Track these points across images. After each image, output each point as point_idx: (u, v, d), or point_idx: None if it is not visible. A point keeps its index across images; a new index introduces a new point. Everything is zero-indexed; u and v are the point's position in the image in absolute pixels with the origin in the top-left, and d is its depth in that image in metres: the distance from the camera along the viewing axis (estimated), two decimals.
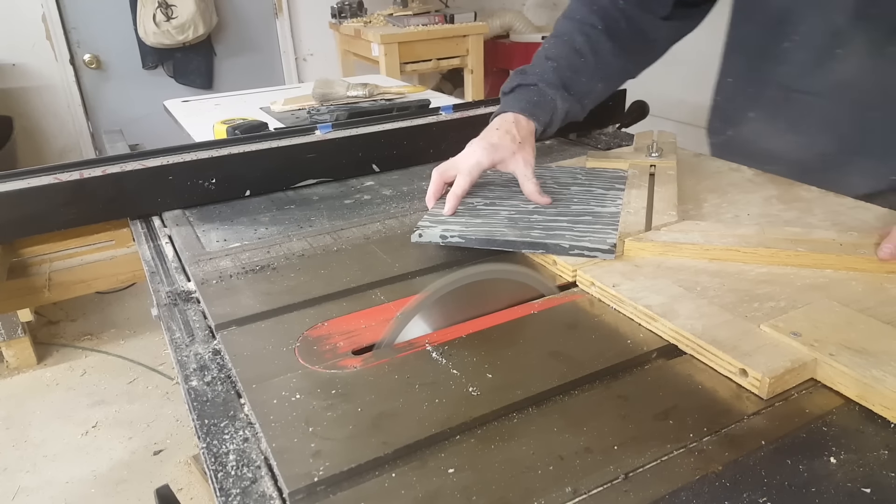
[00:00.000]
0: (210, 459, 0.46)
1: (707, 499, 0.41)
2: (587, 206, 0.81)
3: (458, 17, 3.00)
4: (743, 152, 0.98)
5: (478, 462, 0.44)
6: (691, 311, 0.58)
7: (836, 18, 0.80)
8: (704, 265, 0.68)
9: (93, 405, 2.06)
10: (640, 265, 0.68)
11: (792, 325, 0.55)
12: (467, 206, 0.82)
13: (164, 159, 0.94)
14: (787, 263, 0.67)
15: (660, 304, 0.59)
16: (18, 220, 0.86)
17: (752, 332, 0.55)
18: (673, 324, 0.56)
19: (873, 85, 0.80)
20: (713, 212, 0.81)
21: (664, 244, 0.70)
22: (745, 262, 0.68)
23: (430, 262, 0.74)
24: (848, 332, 0.54)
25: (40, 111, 2.94)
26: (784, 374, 0.50)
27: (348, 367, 0.55)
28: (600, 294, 0.65)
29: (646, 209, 0.79)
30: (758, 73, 0.93)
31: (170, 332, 0.63)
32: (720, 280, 0.65)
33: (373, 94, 1.57)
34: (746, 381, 0.51)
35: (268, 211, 0.94)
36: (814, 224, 0.76)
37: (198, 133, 1.44)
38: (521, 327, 0.60)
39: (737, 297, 0.61)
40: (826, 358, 0.51)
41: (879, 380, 0.48)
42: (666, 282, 0.64)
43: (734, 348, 0.52)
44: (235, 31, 3.28)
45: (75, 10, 2.92)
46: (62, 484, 1.75)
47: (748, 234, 0.70)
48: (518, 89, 0.91)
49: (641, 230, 0.73)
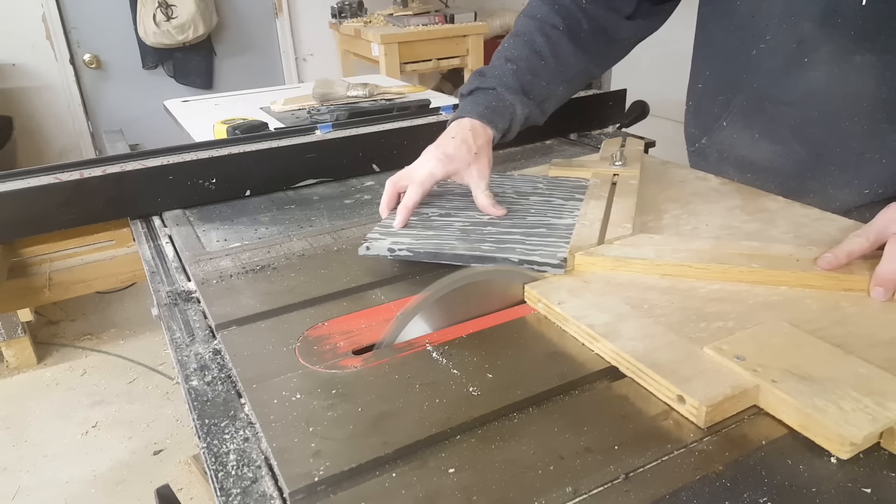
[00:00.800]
0: (210, 459, 0.46)
1: (707, 499, 0.41)
2: (543, 218, 0.77)
3: (458, 17, 3.00)
4: (720, 160, 0.96)
5: (478, 462, 0.44)
6: (635, 331, 0.55)
7: (803, 25, 0.79)
8: (655, 281, 0.64)
9: (93, 405, 2.06)
10: (589, 281, 0.65)
11: (737, 347, 0.51)
12: (421, 217, 0.79)
13: (164, 159, 0.94)
14: (741, 280, 0.63)
15: (603, 323, 0.57)
16: (18, 220, 0.86)
17: (695, 355, 0.51)
18: (614, 345, 0.53)
19: (843, 95, 0.78)
20: (673, 223, 0.78)
21: (615, 259, 0.66)
22: (697, 278, 0.64)
23: (429, 263, 0.73)
24: (795, 355, 0.51)
25: (40, 111, 2.94)
26: (722, 401, 0.46)
27: (348, 367, 0.55)
28: (546, 311, 0.62)
29: (601, 221, 0.75)
30: (729, 80, 0.91)
31: (170, 332, 0.64)
32: (669, 297, 0.61)
33: (373, 94, 1.57)
34: (684, 409, 0.47)
35: (268, 211, 0.94)
36: (775, 236, 0.73)
37: (198, 133, 1.44)
38: (520, 327, 0.60)
39: (684, 315, 0.58)
40: (768, 384, 0.47)
41: (821, 410, 0.44)
42: (613, 299, 0.61)
43: (673, 372, 0.49)
44: (235, 31, 3.28)
45: (75, 10, 2.92)
46: (62, 484, 1.75)
47: (702, 249, 0.67)
48: (476, 93, 0.88)
49: (594, 244, 0.70)
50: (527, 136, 1.19)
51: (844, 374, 0.48)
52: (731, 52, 0.89)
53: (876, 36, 0.73)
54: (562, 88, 0.93)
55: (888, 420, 0.43)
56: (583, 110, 1.24)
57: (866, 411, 0.44)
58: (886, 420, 0.43)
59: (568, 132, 1.24)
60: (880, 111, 0.76)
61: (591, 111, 1.25)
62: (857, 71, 0.76)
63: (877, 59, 0.74)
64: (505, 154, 1.16)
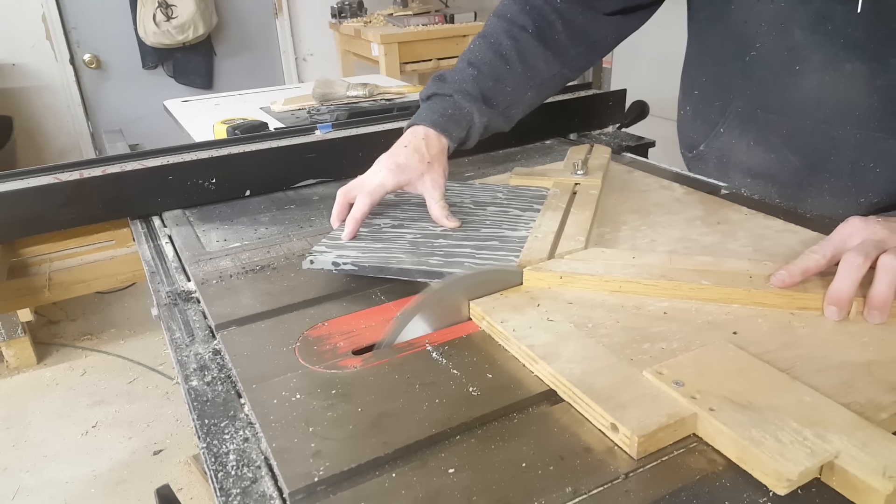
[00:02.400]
0: (210, 459, 0.46)
1: (707, 499, 0.41)
2: (497, 230, 0.75)
3: (458, 17, 3.00)
4: (720, 164, 0.95)
5: (478, 462, 0.44)
6: (574, 352, 0.53)
7: (794, 33, 0.78)
8: (603, 298, 0.62)
9: (93, 405, 2.06)
10: (535, 297, 0.62)
11: (677, 372, 0.49)
12: (371, 229, 0.76)
13: (164, 159, 0.94)
14: (691, 297, 0.61)
15: (543, 343, 0.54)
16: (18, 220, 0.86)
17: (633, 380, 0.49)
18: (552, 367, 0.51)
19: (834, 103, 0.78)
20: (630, 236, 0.76)
21: (563, 274, 0.63)
22: (646, 294, 0.62)
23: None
24: (737, 381, 0.48)
25: (40, 111, 2.94)
26: (657, 431, 0.44)
27: (348, 367, 0.55)
28: (489, 329, 0.59)
29: (555, 233, 0.73)
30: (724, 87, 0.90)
31: (170, 332, 0.64)
32: (615, 316, 0.59)
33: (373, 94, 1.57)
34: (618, 438, 0.45)
35: (268, 211, 0.94)
36: (733, 250, 0.71)
37: (198, 133, 1.44)
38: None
39: (628, 336, 0.55)
40: (706, 413, 0.45)
41: (758, 442, 0.42)
42: (557, 317, 0.58)
43: (609, 399, 0.47)
44: (235, 31, 3.28)
45: (75, 10, 2.92)
46: (62, 484, 1.75)
47: (653, 265, 0.64)
48: (433, 98, 0.85)
49: (544, 258, 0.67)
50: (526, 136, 1.20)
51: (787, 403, 0.45)
52: (725, 59, 0.88)
53: (866, 44, 0.73)
54: (530, 94, 0.90)
55: (827, 454, 0.41)
56: (583, 110, 1.24)
57: (805, 444, 0.41)
58: (825, 454, 0.41)
59: (568, 132, 1.24)
60: (872, 120, 0.76)
61: (591, 111, 1.25)
62: (847, 79, 0.75)
63: (867, 67, 0.74)
64: (505, 154, 1.16)
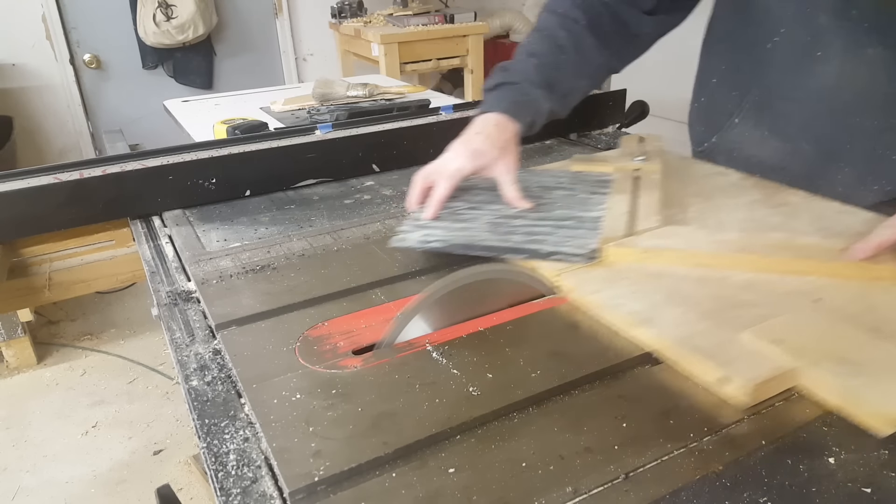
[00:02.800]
0: (210, 459, 0.46)
1: (707, 499, 0.41)
2: (570, 211, 0.78)
3: (458, 17, 3.00)
4: (728, 160, 0.95)
5: (478, 462, 0.44)
6: (672, 318, 0.57)
7: (818, 18, 0.78)
8: (686, 272, 0.65)
9: (93, 405, 2.06)
10: (621, 271, 0.66)
11: (774, 332, 0.53)
12: (450, 211, 0.80)
13: (164, 159, 0.94)
14: (770, 270, 0.64)
15: (640, 311, 0.58)
16: (18, 220, 0.86)
17: (733, 341, 0.53)
18: (652, 332, 0.55)
19: (854, 90, 0.78)
20: (697, 216, 0.79)
21: (646, 250, 0.68)
22: (727, 268, 0.65)
23: (429, 262, 0.74)
24: (830, 340, 0.52)
25: (40, 111, 2.94)
26: (765, 382, 0.48)
27: (348, 366, 0.55)
28: (580, 301, 0.63)
29: (628, 214, 0.77)
30: (743, 75, 0.91)
31: (170, 332, 0.64)
32: (702, 287, 0.63)
33: (373, 94, 1.57)
34: (728, 389, 0.49)
35: (268, 211, 0.94)
36: (798, 229, 0.74)
37: (198, 133, 1.44)
38: (521, 327, 0.60)
39: (718, 304, 0.59)
40: (808, 366, 0.49)
41: (862, 388, 0.46)
42: (647, 288, 0.62)
43: (714, 356, 0.51)
44: (235, 31, 3.28)
45: (75, 10, 2.92)
46: (62, 484, 1.75)
47: (731, 240, 0.68)
48: (501, 87, 0.89)
49: (623, 235, 0.71)
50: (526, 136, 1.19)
51: (880, 357, 0.50)
52: (745, 46, 0.89)
53: (889, 29, 0.73)
54: (584, 82, 0.94)
55: None
56: (583, 110, 1.24)
57: None
58: None
59: (568, 132, 1.24)
60: (892, 107, 0.76)
61: (591, 111, 1.25)
62: (868, 65, 0.76)
63: (889, 52, 0.74)
64: None
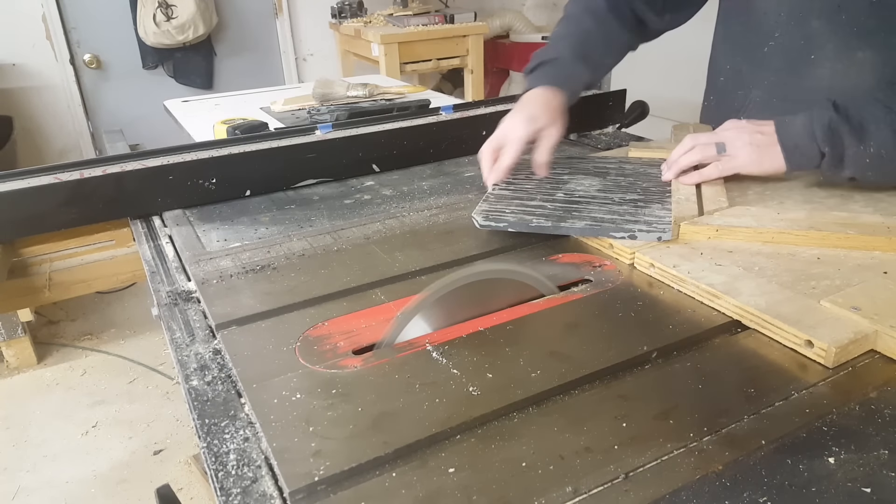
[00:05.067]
0: (210, 459, 0.46)
1: (707, 499, 0.41)
2: (636, 194, 0.83)
3: (458, 17, 3.00)
4: None
5: (478, 462, 0.44)
6: (753, 288, 0.61)
7: (811, 22, 0.81)
8: (758, 247, 0.70)
9: (93, 405, 2.06)
10: (696, 248, 0.71)
11: (851, 300, 0.58)
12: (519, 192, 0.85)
13: (164, 159, 0.94)
14: (838, 246, 0.69)
15: (721, 282, 0.62)
16: (18, 220, 0.86)
17: (814, 308, 0.58)
18: (737, 300, 0.59)
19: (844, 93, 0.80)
20: (759, 199, 0.82)
21: (718, 227, 0.72)
22: (796, 244, 0.70)
23: (429, 261, 0.74)
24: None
25: (40, 111, 2.94)
26: (848, 344, 0.53)
27: (349, 366, 0.55)
28: (660, 275, 0.67)
29: (696, 195, 0.81)
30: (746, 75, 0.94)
31: (170, 332, 0.64)
32: (775, 261, 0.67)
33: (373, 94, 1.57)
34: (812, 352, 0.54)
35: (268, 211, 0.94)
36: (857, 210, 0.77)
37: (198, 133, 1.44)
38: (521, 327, 0.60)
39: (793, 276, 0.64)
40: (887, 329, 0.53)
41: None
42: (724, 262, 0.67)
43: (798, 322, 0.55)
44: (235, 31, 3.28)
45: (75, 10, 2.92)
46: (62, 484, 1.75)
47: (798, 218, 0.73)
48: (541, 66, 0.96)
49: (695, 215, 0.76)
50: None
51: None
52: (748, 48, 0.92)
53: (878, 32, 0.75)
54: (610, 59, 1.02)
55: None
56: (583, 110, 1.24)
57: None
58: None
59: (568, 132, 1.24)
60: None
61: (591, 111, 1.25)
62: (858, 68, 0.78)
63: (877, 55, 0.76)
64: None
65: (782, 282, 0.63)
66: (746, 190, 0.86)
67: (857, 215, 0.74)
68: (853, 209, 0.78)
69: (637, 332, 0.59)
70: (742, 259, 0.68)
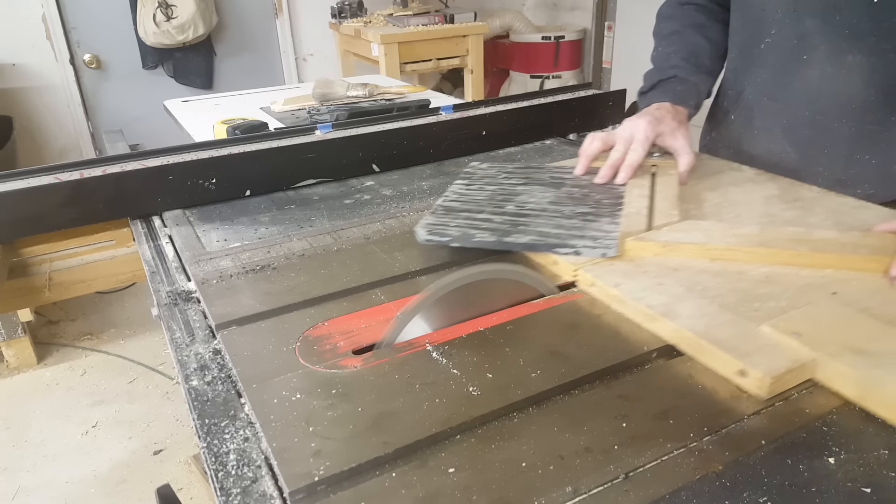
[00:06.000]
0: (210, 459, 0.46)
1: (707, 499, 0.41)
2: (588, 206, 0.80)
3: (458, 17, 3.00)
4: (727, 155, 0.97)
5: (478, 462, 0.44)
6: (692, 310, 0.58)
7: (805, 21, 0.80)
8: (706, 265, 0.67)
9: (93, 405, 2.06)
10: (641, 265, 0.67)
11: (792, 325, 0.54)
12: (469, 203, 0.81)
13: (164, 159, 0.94)
14: (789, 263, 0.66)
15: (661, 304, 0.59)
16: (18, 220, 0.86)
17: (753, 333, 0.54)
18: (674, 324, 0.56)
19: (834, 95, 0.80)
20: (714, 211, 0.80)
21: (665, 244, 0.69)
22: (746, 261, 0.67)
23: (430, 262, 0.74)
24: (848, 332, 0.53)
25: (40, 111, 2.94)
26: (784, 374, 0.49)
27: (348, 366, 0.55)
28: (601, 294, 0.64)
29: (647, 208, 0.78)
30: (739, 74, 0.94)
31: (170, 332, 0.64)
32: (721, 280, 0.64)
33: (373, 94, 1.57)
34: (746, 382, 0.50)
35: (268, 211, 0.94)
36: (815, 224, 0.75)
37: (198, 133, 1.44)
38: (521, 327, 0.60)
39: (738, 296, 0.61)
40: (826, 358, 0.50)
41: (879, 380, 0.47)
42: (667, 281, 0.63)
43: (734, 348, 0.52)
44: (235, 31, 3.28)
45: (75, 10, 2.92)
46: (62, 484, 1.75)
47: (749, 234, 0.70)
48: (659, 85, 0.96)
49: (643, 229, 0.72)
50: (527, 136, 1.20)
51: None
52: (743, 45, 0.91)
53: (869, 36, 0.75)
54: (719, 64, 1.01)
55: None
56: (583, 110, 1.24)
57: None
58: None
59: (567, 132, 1.24)
60: (868, 112, 0.77)
61: (591, 111, 1.25)
62: (848, 71, 0.77)
63: (867, 60, 0.76)
64: (505, 154, 1.16)
65: (725, 303, 0.59)
66: (703, 202, 0.83)
67: (811, 231, 0.71)
68: (811, 223, 0.76)
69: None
70: (687, 277, 0.64)
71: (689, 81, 0.94)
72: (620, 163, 0.85)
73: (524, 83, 3.64)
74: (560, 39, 3.48)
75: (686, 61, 0.95)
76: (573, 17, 3.70)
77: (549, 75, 3.56)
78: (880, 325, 0.54)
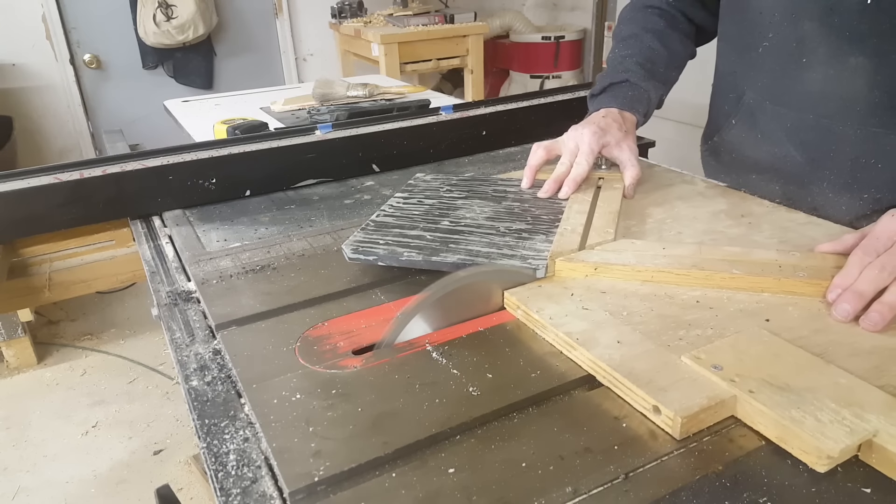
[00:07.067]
0: (210, 459, 0.46)
1: (707, 499, 0.41)
2: (525, 223, 0.76)
3: (458, 17, 3.00)
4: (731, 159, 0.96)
5: (478, 462, 0.44)
6: (612, 339, 0.54)
7: (803, 24, 0.79)
8: (635, 287, 0.63)
9: (93, 405, 2.06)
10: (569, 288, 0.63)
11: (714, 356, 0.50)
12: (404, 219, 0.78)
13: (164, 159, 0.94)
14: (723, 286, 0.62)
15: (581, 331, 0.55)
16: (18, 220, 0.86)
17: (672, 365, 0.50)
18: (591, 353, 0.52)
19: (837, 98, 0.79)
20: (656, 228, 0.77)
21: (595, 265, 0.65)
22: (678, 284, 0.63)
23: None
24: (774, 365, 0.50)
25: (40, 111, 2.94)
26: (699, 412, 0.45)
27: (348, 366, 0.55)
28: (525, 318, 0.60)
29: (584, 226, 0.74)
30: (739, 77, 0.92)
31: (170, 332, 0.64)
32: (649, 304, 0.60)
33: (373, 94, 1.57)
34: (660, 419, 0.46)
35: (268, 211, 0.94)
36: (759, 241, 0.72)
37: (198, 133, 1.44)
38: (521, 327, 0.60)
39: (663, 323, 0.57)
40: (745, 395, 0.46)
41: (798, 422, 0.43)
42: (592, 306, 0.60)
43: (649, 382, 0.48)
44: (235, 31, 3.29)
45: (75, 10, 2.92)
46: (62, 484, 1.75)
47: (683, 255, 0.66)
48: (610, 88, 0.95)
49: (575, 249, 0.68)
50: (526, 136, 1.19)
51: (823, 385, 0.47)
52: (742, 48, 0.90)
53: (870, 38, 0.74)
54: (675, 73, 1.01)
55: (866, 432, 0.42)
56: (583, 110, 1.24)
57: (844, 423, 0.43)
58: (864, 432, 0.42)
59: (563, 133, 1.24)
60: (873, 115, 0.76)
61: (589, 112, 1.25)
62: (850, 73, 0.76)
63: (869, 61, 0.75)
64: (505, 154, 1.16)
65: (648, 330, 0.55)
66: (647, 218, 0.80)
67: (750, 251, 0.66)
68: (755, 240, 0.72)
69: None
70: (613, 302, 0.60)
71: (641, 87, 0.93)
72: (565, 176, 0.84)
73: (524, 83, 3.64)
74: (560, 39, 3.49)
75: (640, 66, 0.94)
76: (573, 17, 3.70)
77: (549, 75, 3.56)
78: (808, 357, 0.51)
